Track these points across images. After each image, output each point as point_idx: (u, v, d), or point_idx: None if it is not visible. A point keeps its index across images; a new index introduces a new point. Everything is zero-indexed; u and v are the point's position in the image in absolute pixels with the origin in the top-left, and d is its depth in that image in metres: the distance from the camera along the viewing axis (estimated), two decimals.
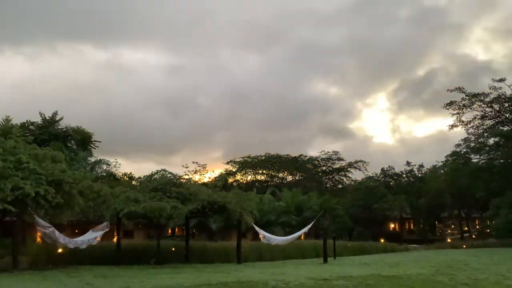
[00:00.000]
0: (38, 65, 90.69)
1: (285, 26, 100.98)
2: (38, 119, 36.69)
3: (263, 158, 63.30)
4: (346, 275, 12.77)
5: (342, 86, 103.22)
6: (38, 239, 24.06)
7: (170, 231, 40.06)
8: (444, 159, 44.78)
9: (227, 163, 64.67)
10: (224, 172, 53.84)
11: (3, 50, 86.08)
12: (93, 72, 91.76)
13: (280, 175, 65.83)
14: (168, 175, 22.35)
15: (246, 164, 63.48)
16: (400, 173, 50.39)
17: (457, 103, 38.48)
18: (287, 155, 64.26)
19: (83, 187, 16.43)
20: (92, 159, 30.68)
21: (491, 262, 16.98)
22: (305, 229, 21.44)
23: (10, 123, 33.81)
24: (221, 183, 39.35)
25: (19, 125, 34.72)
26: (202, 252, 21.92)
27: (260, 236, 20.19)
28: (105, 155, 41.54)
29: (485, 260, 17.88)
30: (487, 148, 39.63)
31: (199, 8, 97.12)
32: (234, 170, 63.27)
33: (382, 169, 51.05)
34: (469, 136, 39.82)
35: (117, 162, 31.37)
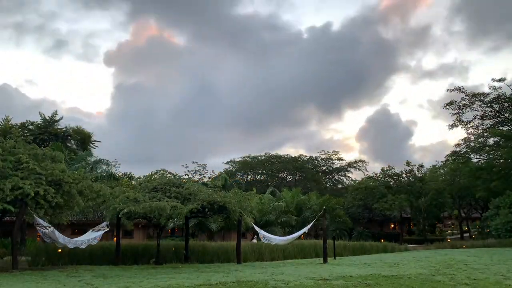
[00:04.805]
0: None
1: None
2: (38, 119, 36.82)
3: (263, 158, 63.30)
4: (346, 275, 12.76)
5: None
6: (38, 239, 24.14)
7: (170, 231, 40.04)
8: (444, 159, 44.82)
9: (227, 163, 64.73)
10: (223, 172, 53.81)
11: None
12: None
13: (280, 175, 65.78)
14: (168, 175, 22.40)
15: (245, 164, 63.44)
16: (400, 173, 50.29)
17: (457, 103, 38.53)
18: (287, 155, 64.38)
19: (83, 187, 16.42)
20: (92, 159, 30.68)
21: (491, 262, 16.95)
22: (305, 229, 21.37)
23: (9, 123, 33.92)
24: (221, 183, 39.42)
25: (18, 125, 34.85)
26: (202, 252, 21.92)
27: (260, 236, 20.15)
28: None
29: (485, 260, 17.84)
30: (487, 148, 39.64)
31: None
32: (233, 170, 63.26)
33: (382, 169, 50.99)
34: (469, 136, 39.85)
35: (116, 162, 31.38)
